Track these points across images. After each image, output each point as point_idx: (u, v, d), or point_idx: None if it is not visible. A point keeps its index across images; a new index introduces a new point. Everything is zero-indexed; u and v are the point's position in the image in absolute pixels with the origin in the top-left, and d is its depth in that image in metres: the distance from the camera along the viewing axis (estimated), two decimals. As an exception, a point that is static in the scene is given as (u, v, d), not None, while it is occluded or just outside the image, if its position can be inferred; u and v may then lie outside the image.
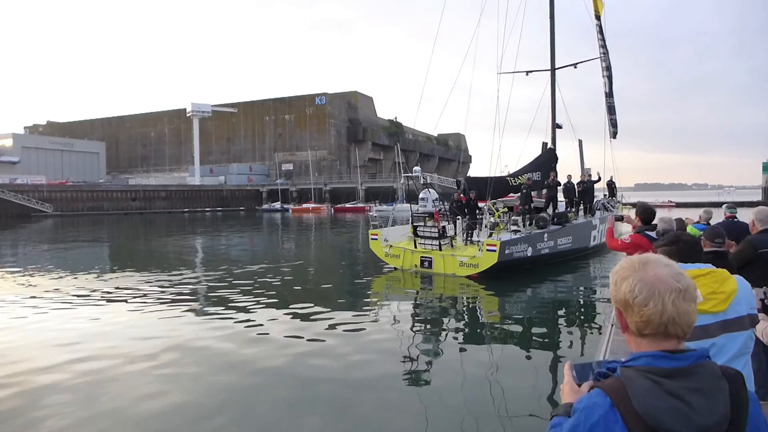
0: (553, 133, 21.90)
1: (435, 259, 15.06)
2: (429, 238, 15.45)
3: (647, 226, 5.72)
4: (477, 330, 9.98)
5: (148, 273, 16.52)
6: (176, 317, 10.57)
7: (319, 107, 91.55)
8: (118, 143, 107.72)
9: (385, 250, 16.23)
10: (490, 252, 14.03)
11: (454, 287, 13.69)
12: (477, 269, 14.27)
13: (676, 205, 62.80)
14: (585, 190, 20.26)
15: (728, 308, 2.28)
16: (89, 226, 44.40)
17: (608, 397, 1.22)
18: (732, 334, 2.26)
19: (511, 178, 19.22)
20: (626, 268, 1.32)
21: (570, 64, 22.58)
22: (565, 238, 16.86)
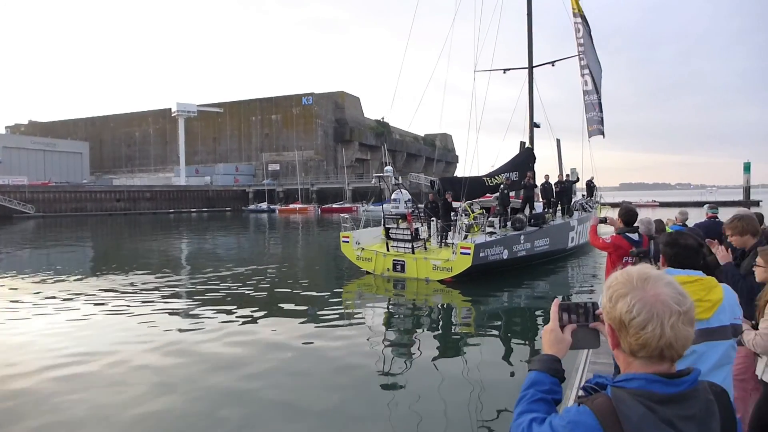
0: (530, 132, 21.64)
1: (408, 263, 14.52)
2: (401, 241, 14.84)
3: (628, 228, 5.78)
4: (451, 336, 9.69)
5: (131, 275, 16.33)
6: (156, 320, 10.46)
7: (305, 107, 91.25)
8: (102, 143, 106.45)
9: (356, 253, 15.64)
10: (464, 255, 13.53)
11: (428, 292, 13.29)
12: (451, 273, 13.80)
13: (660, 205, 63.53)
14: (563, 191, 19.92)
15: (712, 317, 2.30)
16: (72, 227, 43.81)
17: (597, 419, 1.15)
18: (713, 342, 2.27)
19: (488, 178, 18.81)
20: (624, 284, 1.22)
21: (548, 62, 22.35)
22: (542, 240, 16.45)
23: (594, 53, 21.44)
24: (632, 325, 1.17)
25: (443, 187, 16.84)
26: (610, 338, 1.27)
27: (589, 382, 1.29)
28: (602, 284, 6.72)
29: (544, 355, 1.42)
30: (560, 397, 1.36)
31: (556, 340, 1.40)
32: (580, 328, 1.42)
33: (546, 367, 1.38)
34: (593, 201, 24.42)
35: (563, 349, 1.41)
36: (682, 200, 66.84)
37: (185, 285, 14.64)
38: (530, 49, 21.66)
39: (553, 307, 1.45)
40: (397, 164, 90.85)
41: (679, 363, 2.18)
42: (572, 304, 1.44)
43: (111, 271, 17.33)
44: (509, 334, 9.69)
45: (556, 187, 19.92)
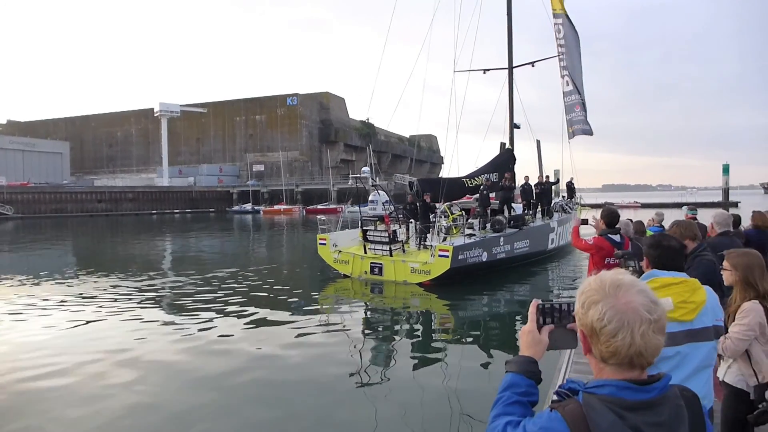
0: (511, 133, 21.52)
1: (385, 266, 14.24)
2: (379, 243, 14.54)
3: (610, 229, 5.83)
4: (429, 341, 9.51)
5: (111, 279, 16.13)
6: (132, 324, 10.36)
7: (290, 108, 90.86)
8: (82, 143, 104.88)
9: (334, 255, 15.30)
10: (442, 258, 13.29)
11: (405, 296, 13.06)
12: (429, 276, 13.53)
13: (642, 206, 64.38)
14: (543, 192, 19.76)
15: (695, 318, 2.33)
16: (52, 228, 43.08)
17: (567, 426, 1.16)
18: (696, 343, 2.31)
19: (467, 179, 18.54)
20: (596, 291, 1.22)
21: (528, 62, 22.14)
22: (522, 242, 16.28)
23: (578, 52, 21.25)
24: (603, 332, 1.18)
25: (422, 188, 16.59)
26: (582, 344, 1.28)
27: (562, 387, 1.29)
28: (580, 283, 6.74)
29: (521, 356, 1.41)
30: (536, 399, 1.37)
31: (534, 342, 1.40)
32: (558, 328, 1.41)
33: (522, 369, 1.38)
34: (573, 202, 24.43)
35: (540, 351, 1.41)
36: (663, 201, 67.82)
37: (162, 290, 14.43)
38: (510, 50, 21.58)
39: (531, 308, 1.44)
40: (382, 165, 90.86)
41: (663, 364, 2.23)
42: (550, 304, 1.44)
43: (90, 275, 17.07)
44: (488, 338, 9.57)
45: (536, 189, 19.78)
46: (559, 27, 20.96)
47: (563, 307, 1.42)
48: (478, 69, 22.30)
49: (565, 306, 1.42)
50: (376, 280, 14.34)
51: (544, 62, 21.92)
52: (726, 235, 5.58)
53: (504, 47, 21.61)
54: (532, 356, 1.40)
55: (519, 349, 1.46)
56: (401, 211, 16.45)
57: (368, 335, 9.81)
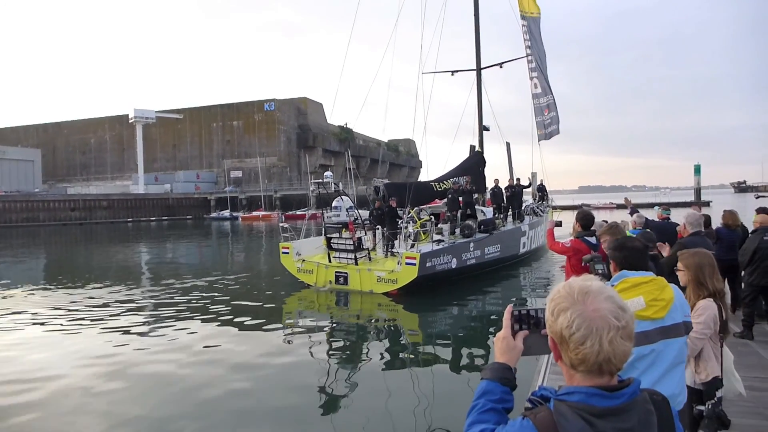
0: (480, 136, 21.17)
1: (351, 275, 13.61)
2: (344, 251, 13.88)
3: (586, 231, 5.88)
4: (398, 353, 9.10)
5: (83, 290, 15.82)
6: (106, 336, 10.18)
7: (268, 113, 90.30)
8: (55, 150, 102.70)
9: (297, 265, 14.62)
10: (409, 266, 12.73)
11: (372, 307, 12.54)
12: (396, 285, 12.95)
13: (617, 207, 65.40)
14: (513, 195, 19.28)
15: (667, 315, 2.36)
16: (24, 238, 42.03)
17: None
18: (669, 340, 2.34)
19: (436, 183, 17.88)
20: (565, 298, 1.24)
21: (495, 63, 21.83)
22: (492, 247, 15.80)
23: (543, 51, 21.08)
24: (572, 340, 1.19)
25: (388, 192, 15.96)
26: (552, 351, 1.29)
27: (534, 394, 1.30)
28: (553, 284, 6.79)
29: (496, 363, 1.41)
30: (511, 406, 1.37)
31: (508, 348, 1.40)
32: (532, 334, 1.42)
33: (497, 376, 1.38)
34: (545, 205, 24.26)
35: (515, 357, 1.41)
36: (638, 202, 68.84)
37: (129, 300, 14.18)
38: (478, 51, 21.25)
39: (505, 315, 1.44)
40: (361, 170, 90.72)
41: (640, 362, 2.24)
42: (524, 310, 1.44)
43: (63, 286, 16.72)
44: (459, 349, 9.29)
45: (507, 192, 19.34)
46: (527, 28, 20.78)
47: (537, 313, 1.43)
48: (445, 71, 22.26)
49: (540, 312, 1.43)
50: (342, 290, 13.72)
51: (514, 65, 21.92)
52: (698, 234, 5.69)
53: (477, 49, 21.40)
54: (507, 363, 1.40)
55: (491, 357, 1.45)
56: (369, 217, 15.74)
57: (332, 351, 9.22)
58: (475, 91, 21.47)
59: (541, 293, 14.16)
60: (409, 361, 8.60)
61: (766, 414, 4.51)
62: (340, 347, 9.62)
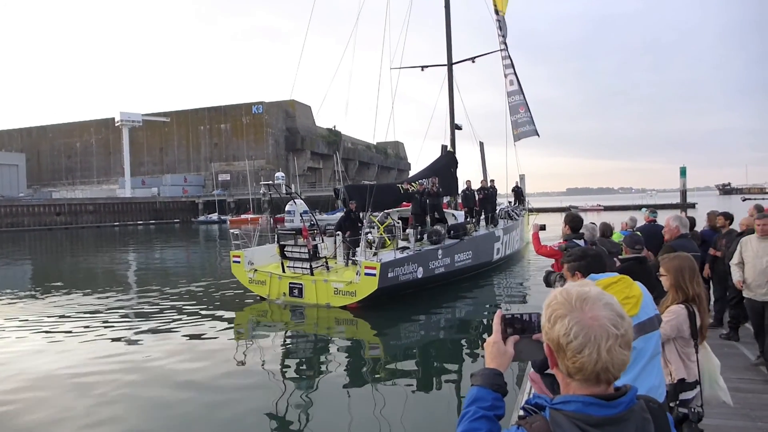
0: (452, 135, 20.09)
1: (306, 286, 12.40)
2: (298, 260, 12.68)
3: (575, 234, 5.87)
4: (357, 375, 8.21)
5: (70, 294, 15.60)
6: (91, 343, 10.03)
7: (256, 116, 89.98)
8: (39, 154, 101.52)
9: (249, 275, 13.34)
10: (368, 276, 11.50)
11: (329, 322, 11.40)
12: (355, 298, 11.74)
13: (605, 209, 65.95)
14: (486, 198, 17.88)
15: (640, 311, 2.38)
16: (7, 243, 41.43)
17: None
18: (647, 335, 2.36)
19: (403, 185, 16.63)
20: (563, 304, 1.20)
21: (467, 58, 20.74)
22: (464, 254, 14.65)
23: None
24: (569, 348, 1.15)
25: (349, 195, 14.60)
26: (548, 357, 1.25)
27: (528, 402, 1.27)
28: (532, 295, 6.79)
29: (486, 369, 1.38)
30: (503, 413, 1.34)
31: (499, 353, 1.38)
32: (523, 339, 1.39)
33: (488, 383, 1.35)
34: (520, 208, 23.06)
35: (506, 362, 1.39)
36: (625, 204, 69.71)
37: (113, 306, 14.03)
38: (449, 45, 20.16)
39: (495, 319, 1.42)
40: (349, 173, 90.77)
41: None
42: (515, 315, 1.41)
43: (47, 292, 16.45)
44: (426, 367, 8.47)
45: (480, 194, 17.92)
46: (502, 23, 20.04)
47: (528, 317, 1.40)
48: (415, 66, 21.13)
49: (529, 316, 1.40)
50: (297, 303, 12.50)
51: (488, 62, 21.30)
52: (685, 237, 5.72)
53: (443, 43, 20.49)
54: (498, 368, 1.38)
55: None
56: (342, 221, 14.31)
57: (285, 373, 8.25)
58: (446, 87, 20.43)
59: (516, 302, 13.53)
60: (369, 381, 7.78)
61: (752, 416, 4.54)
62: (291, 370, 8.49)
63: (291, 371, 8.44)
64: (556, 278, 4.15)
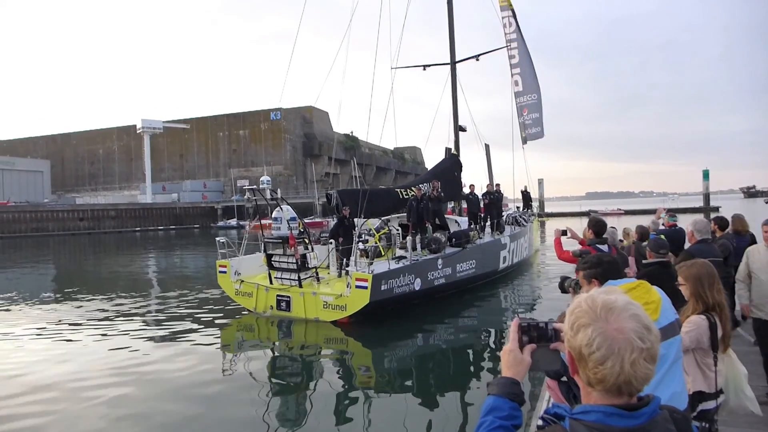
0: (455, 137, 19.14)
1: (294, 299, 11.57)
2: (286, 271, 11.94)
3: (598, 239, 5.74)
4: (346, 396, 7.45)
5: (93, 298, 15.85)
6: (105, 345, 10.12)
7: (274, 122, 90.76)
8: (63, 161, 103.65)
9: (235, 286, 12.57)
10: (359, 289, 10.62)
11: (318, 338, 10.53)
12: (345, 312, 10.87)
13: (625, 213, 65.04)
14: (492, 203, 16.82)
15: (660, 316, 2.34)
16: (32, 248, 42.30)
17: None
18: (668, 341, 2.30)
19: (402, 189, 15.61)
20: (586, 313, 1.16)
21: (471, 56, 19.61)
22: (466, 263, 13.70)
23: (526, 49, 19.38)
24: (591, 359, 1.12)
25: (341, 201, 13.66)
26: (570, 366, 1.22)
27: (547, 412, 1.25)
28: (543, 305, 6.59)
29: (503, 378, 1.35)
30: (520, 423, 1.31)
31: (515, 362, 1.35)
32: (540, 348, 1.36)
33: (505, 392, 1.32)
34: (529, 213, 21.99)
35: (523, 371, 1.36)
36: (646, 208, 68.65)
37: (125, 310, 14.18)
38: (452, 43, 19.20)
39: (512, 327, 1.39)
40: (366, 178, 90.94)
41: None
42: (532, 323, 1.39)
43: (72, 295, 16.79)
44: (424, 390, 7.65)
45: (485, 199, 16.83)
46: (509, 20, 19.04)
47: (545, 325, 1.38)
48: (417, 65, 20.28)
49: (546, 324, 1.38)
50: (285, 317, 11.67)
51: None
52: (705, 242, 5.60)
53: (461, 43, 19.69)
54: (514, 377, 1.35)
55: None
56: (335, 228, 13.56)
57: (272, 394, 7.58)
58: (449, 87, 19.29)
59: (525, 312, 12.66)
60: (361, 405, 7.08)
61: (778, 425, 4.39)
62: (277, 391, 7.72)
63: (269, 398, 7.38)
64: (570, 284, 4.10)
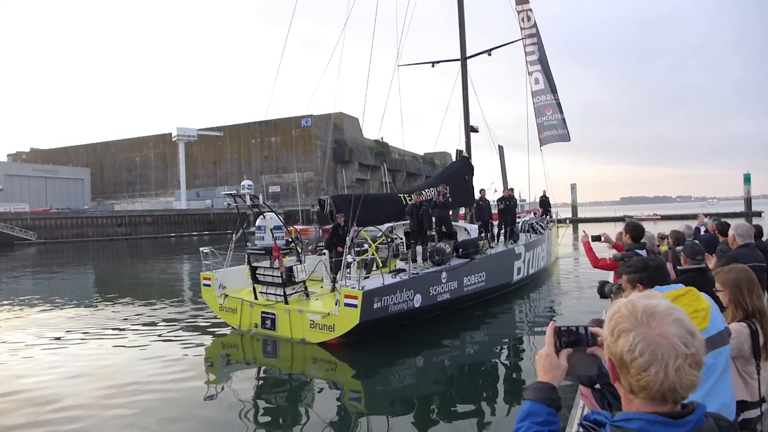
0: (467, 138, 17.98)
1: (279, 317, 10.40)
2: (271, 285, 10.84)
3: (637, 244, 5.59)
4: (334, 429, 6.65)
5: (130, 302, 16.27)
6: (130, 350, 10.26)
7: (305, 129, 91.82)
8: (102, 169, 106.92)
9: (219, 301, 11.55)
10: (349, 308, 9.35)
11: (305, 363, 9.29)
12: (333, 333, 9.58)
13: (662, 218, 63.38)
14: (506, 209, 15.55)
15: (710, 325, 2.27)
16: (73, 253, 43.74)
17: None
18: (717, 350, 2.24)
19: (407, 195, 14.38)
20: (627, 318, 1.13)
21: (483, 51, 18.44)
22: (475, 276, 12.40)
23: (543, 47, 18.24)
24: (634, 365, 1.09)
25: (336, 207, 12.62)
26: (610, 372, 1.19)
27: (586, 418, 1.21)
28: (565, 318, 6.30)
29: (539, 382, 1.33)
30: (557, 429, 1.29)
31: (551, 366, 1.33)
32: (577, 352, 1.34)
33: (541, 397, 1.30)
34: (547, 220, 20.95)
35: (559, 376, 1.34)
36: (683, 213, 66.74)
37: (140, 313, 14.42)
38: (462, 39, 18.02)
39: (548, 331, 1.38)
40: (397, 183, 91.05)
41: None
42: (568, 327, 1.38)
43: (110, 298, 17.25)
44: (423, 425, 6.70)
45: (500, 204, 15.73)
46: (527, 14, 17.72)
47: (584, 330, 1.36)
48: (425, 62, 19.29)
49: (585, 329, 1.36)
50: (270, 336, 10.50)
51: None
52: (748, 246, 5.42)
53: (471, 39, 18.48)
54: (550, 381, 1.32)
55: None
56: (330, 238, 12.64)
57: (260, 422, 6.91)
58: (460, 85, 18.05)
59: (539, 331, 11.03)
60: None
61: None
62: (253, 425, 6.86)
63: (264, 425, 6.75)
64: (612, 289, 3.99)
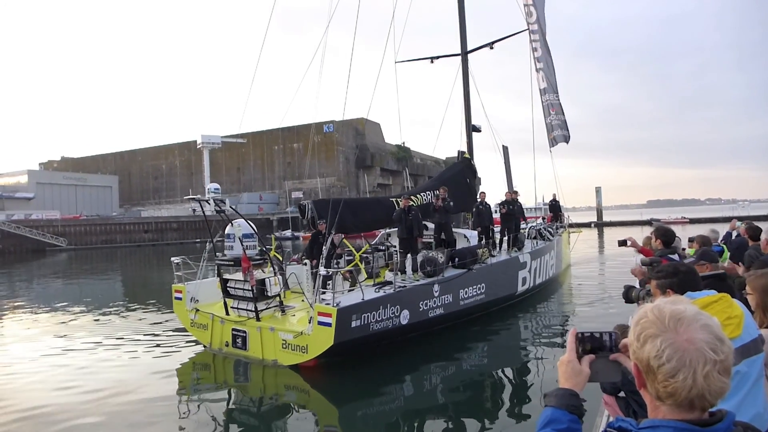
0: (468, 138, 17.02)
1: (250, 335, 9.30)
2: (243, 300, 9.68)
3: (668, 249, 5.45)
4: None
5: (156, 307, 16.51)
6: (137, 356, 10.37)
7: (327, 135, 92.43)
8: (130, 176, 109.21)
9: (190, 315, 10.45)
10: (322, 326, 8.24)
11: (278, 388, 8.24)
12: (307, 356, 8.46)
13: (690, 221, 62.01)
14: (510, 214, 14.34)
15: (743, 332, 2.21)
16: (102, 259, 44.71)
17: None
18: (751, 359, 2.18)
19: (400, 199, 13.03)
20: (654, 323, 1.11)
21: (485, 44, 17.36)
22: (473, 288, 11.24)
23: (547, 45, 17.45)
24: (661, 371, 1.07)
25: (318, 213, 11.53)
26: (636, 378, 1.17)
27: (611, 425, 1.18)
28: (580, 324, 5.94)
29: (561, 389, 1.31)
30: None
31: (573, 372, 1.30)
32: (600, 358, 1.32)
33: (563, 403, 1.27)
34: (558, 225, 19.93)
35: (581, 382, 1.31)
36: (712, 216, 65.19)
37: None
38: (463, 32, 16.90)
39: (569, 337, 1.36)
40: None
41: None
42: (591, 333, 1.36)
43: (139, 303, 17.54)
44: None
45: (502, 209, 14.43)
46: (531, 9, 16.89)
47: (608, 336, 1.34)
48: (424, 58, 18.24)
49: (609, 335, 1.34)
50: (241, 357, 9.37)
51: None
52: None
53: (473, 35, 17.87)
54: (573, 388, 1.30)
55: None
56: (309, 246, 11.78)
57: None
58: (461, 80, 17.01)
59: (546, 345, 10.11)
60: None
61: None
62: None
63: None
64: (639, 294, 3.88)
